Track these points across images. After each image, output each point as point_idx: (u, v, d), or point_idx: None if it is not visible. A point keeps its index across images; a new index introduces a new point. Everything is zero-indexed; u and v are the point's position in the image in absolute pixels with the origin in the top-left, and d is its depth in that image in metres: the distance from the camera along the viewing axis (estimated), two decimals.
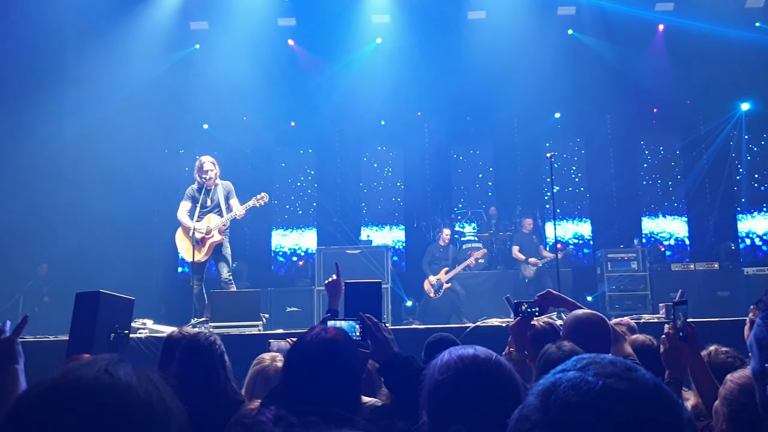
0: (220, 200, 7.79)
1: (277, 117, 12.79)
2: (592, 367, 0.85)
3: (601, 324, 3.08)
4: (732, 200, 13.11)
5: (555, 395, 0.83)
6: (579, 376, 0.84)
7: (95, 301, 4.71)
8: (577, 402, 0.81)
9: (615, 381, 0.82)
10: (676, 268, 10.52)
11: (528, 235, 10.94)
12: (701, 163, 13.08)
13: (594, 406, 0.80)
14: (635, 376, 0.84)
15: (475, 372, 1.61)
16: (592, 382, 0.82)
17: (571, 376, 0.84)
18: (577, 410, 0.80)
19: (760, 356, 1.40)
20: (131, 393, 1.00)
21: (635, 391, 0.82)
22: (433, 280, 10.40)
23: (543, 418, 0.82)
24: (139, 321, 6.86)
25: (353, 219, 13.21)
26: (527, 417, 0.84)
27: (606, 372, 0.83)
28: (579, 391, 0.81)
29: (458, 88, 12.16)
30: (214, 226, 7.67)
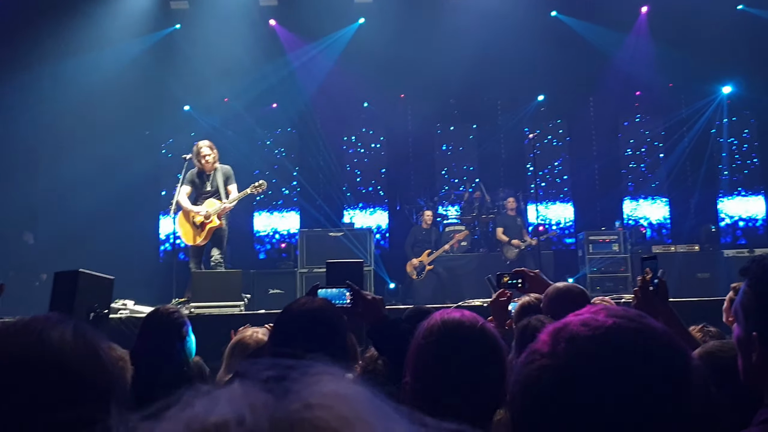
0: (219, 185, 7.85)
1: (259, 98, 12.67)
2: (604, 311, 0.87)
3: (581, 294, 3.11)
4: (713, 183, 13.23)
5: (565, 331, 0.85)
6: (590, 316, 0.85)
7: (74, 280, 4.66)
8: (587, 335, 0.82)
9: (625, 321, 0.84)
10: (657, 250, 10.61)
11: (512, 217, 10.97)
12: (683, 146, 13.17)
13: (603, 340, 0.81)
14: (646, 320, 0.86)
15: (459, 336, 1.61)
16: (602, 320, 0.84)
17: (581, 317, 0.86)
18: (585, 342, 0.82)
19: (746, 324, 1.40)
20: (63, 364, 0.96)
21: (645, 331, 0.83)
22: (416, 263, 10.41)
23: (552, 351, 0.83)
24: (120, 302, 6.81)
25: (336, 201, 13.16)
26: (537, 351, 0.85)
27: (617, 314, 0.85)
28: (589, 327, 0.83)
29: (441, 70, 12.10)
30: (214, 211, 7.69)
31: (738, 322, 1.44)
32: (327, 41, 12.47)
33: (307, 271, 9.73)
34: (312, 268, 9.61)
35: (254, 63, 12.04)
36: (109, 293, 5.23)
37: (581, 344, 0.82)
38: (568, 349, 0.82)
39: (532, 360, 0.85)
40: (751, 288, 1.39)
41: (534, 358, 0.85)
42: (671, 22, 11.94)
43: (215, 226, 7.72)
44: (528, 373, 0.84)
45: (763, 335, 1.35)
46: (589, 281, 10.28)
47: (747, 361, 1.40)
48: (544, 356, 0.84)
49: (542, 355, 0.84)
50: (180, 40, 12.19)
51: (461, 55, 11.76)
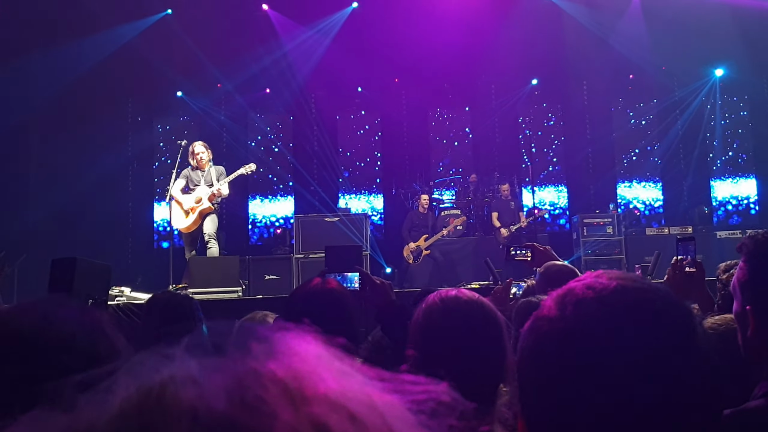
0: (213, 180, 8.04)
1: (252, 83, 12.62)
2: (607, 273, 0.87)
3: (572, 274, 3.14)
4: (706, 165, 13.28)
5: (571, 295, 0.85)
6: (594, 280, 0.86)
7: (71, 268, 4.67)
8: (593, 297, 0.83)
9: (628, 282, 0.85)
10: (651, 233, 10.66)
11: (506, 201, 10.99)
12: (676, 129, 13.21)
13: (609, 301, 0.82)
14: (648, 282, 0.87)
15: (457, 310, 1.64)
16: (606, 282, 0.84)
17: (585, 281, 0.87)
18: (593, 304, 0.82)
19: (742, 298, 1.43)
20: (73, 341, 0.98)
21: (648, 290, 0.84)
22: (413, 247, 10.44)
23: (559, 315, 0.83)
24: (117, 289, 6.82)
25: (331, 186, 13.16)
26: (544, 317, 0.86)
27: (619, 276, 0.86)
28: (594, 289, 0.84)
29: (435, 54, 12.07)
30: (205, 194, 7.82)
31: (735, 297, 1.47)
32: (320, 25, 12.41)
33: (303, 256, 9.73)
34: (308, 253, 9.61)
35: (247, 48, 11.98)
36: (107, 280, 5.24)
37: (588, 306, 0.82)
38: (576, 312, 0.82)
39: (540, 326, 0.85)
40: (746, 263, 1.42)
41: (541, 324, 0.85)
42: (664, 5, 11.91)
43: (206, 208, 7.87)
44: (537, 339, 0.85)
45: (756, 309, 1.38)
46: (584, 264, 10.32)
47: (744, 336, 1.43)
48: (552, 321, 0.84)
49: (550, 320, 0.84)
50: (172, 25, 12.10)
51: (455, 40, 11.73)
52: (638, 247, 10.28)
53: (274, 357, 0.46)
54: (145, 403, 0.42)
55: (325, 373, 0.46)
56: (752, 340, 1.40)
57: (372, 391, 0.48)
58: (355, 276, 2.72)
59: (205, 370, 0.44)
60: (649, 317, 0.81)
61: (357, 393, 0.46)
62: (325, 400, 0.44)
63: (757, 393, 1.39)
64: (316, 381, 0.45)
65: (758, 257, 1.39)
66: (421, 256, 10.38)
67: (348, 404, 0.44)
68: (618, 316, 0.81)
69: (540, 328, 0.85)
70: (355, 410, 0.44)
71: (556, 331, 0.83)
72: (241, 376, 0.44)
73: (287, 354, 0.47)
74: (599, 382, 0.78)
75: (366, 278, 2.67)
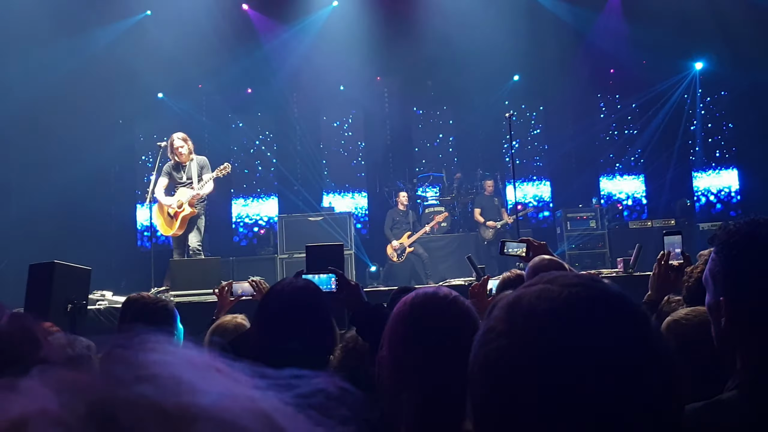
0: (193, 175, 7.80)
1: (233, 84, 12.55)
2: (558, 279, 0.84)
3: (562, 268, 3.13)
4: (687, 158, 13.38)
5: (520, 305, 0.82)
6: (544, 287, 0.83)
7: (49, 272, 4.61)
8: (544, 309, 0.80)
9: (581, 290, 0.82)
10: (634, 226, 10.72)
11: (489, 197, 11.02)
12: (657, 122, 13.30)
13: (560, 314, 0.79)
14: (601, 285, 0.84)
15: (432, 307, 1.62)
16: (557, 290, 0.81)
17: (536, 288, 0.84)
18: (543, 316, 0.79)
19: (715, 290, 1.42)
20: None
21: (601, 298, 0.81)
22: (396, 245, 10.43)
23: (508, 328, 0.81)
24: (98, 293, 6.75)
25: (314, 186, 13.12)
26: (493, 328, 0.83)
27: (571, 283, 0.83)
28: (544, 299, 0.81)
29: (417, 51, 12.06)
30: (185, 199, 7.63)
31: (708, 289, 1.46)
32: (301, 25, 12.36)
33: (287, 256, 9.70)
34: (292, 253, 9.58)
35: (228, 48, 11.91)
36: (87, 284, 5.17)
37: (539, 319, 0.79)
38: (525, 326, 0.80)
39: (489, 340, 0.82)
40: (718, 254, 1.41)
41: (491, 338, 0.82)
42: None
43: (188, 214, 7.67)
44: (487, 354, 0.82)
45: (729, 300, 1.37)
46: (568, 258, 10.35)
47: (717, 327, 1.42)
48: (502, 335, 0.81)
49: (499, 334, 0.81)
50: (151, 27, 12.01)
51: (437, 37, 11.73)
52: (621, 240, 10.34)
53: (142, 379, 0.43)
54: None
55: (200, 384, 0.43)
56: (725, 332, 1.39)
57: (252, 393, 0.45)
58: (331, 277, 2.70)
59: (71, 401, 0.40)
60: (601, 325, 0.79)
61: (237, 399, 0.44)
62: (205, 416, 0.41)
63: (729, 385, 1.38)
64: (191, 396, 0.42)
65: (730, 247, 1.38)
66: (405, 254, 10.38)
67: (228, 415, 0.42)
68: (569, 327, 0.78)
69: (490, 342, 0.82)
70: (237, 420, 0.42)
71: (506, 348, 0.80)
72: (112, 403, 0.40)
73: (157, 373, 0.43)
74: (553, 395, 0.76)
75: (342, 280, 2.67)
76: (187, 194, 7.69)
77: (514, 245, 3.43)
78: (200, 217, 7.85)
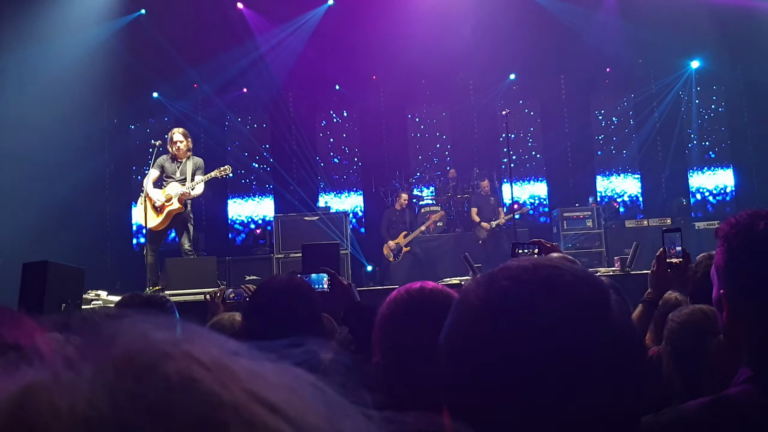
0: (187, 173, 7.67)
1: (228, 83, 12.52)
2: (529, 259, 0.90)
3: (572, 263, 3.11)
4: (683, 157, 13.39)
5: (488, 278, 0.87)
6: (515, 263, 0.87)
7: (43, 271, 4.56)
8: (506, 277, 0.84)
9: (545, 261, 0.87)
10: (630, 225, 10.72)
11: (486, 196, 11.00)
12: (653, 121, 13.32)
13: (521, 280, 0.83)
14: (565, 262, 0.89)
15: (421, 301, 1.62)
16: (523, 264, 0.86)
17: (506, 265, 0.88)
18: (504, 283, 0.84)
19: (718, 283, 1.40)
20: None
21: (561, 268, 0.85)
22: (392, 245, 10.41)
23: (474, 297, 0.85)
24: (92, 292, 6.72)
25: (310, 185, 13.09)
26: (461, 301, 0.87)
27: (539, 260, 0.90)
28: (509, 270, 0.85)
29: (412, 50, 12.03)
30: (175, 194, 7.49)
31: (714, 284, 1.45)
32: (296, 24, 12.34)
33: (283, 256, 9.66)
34: (288, 253, 9.55)
35: (223, 48, 11.88)
36: (81, 284, 5.13)
37: (501, 286, 0.84)
38: (488, 292, 0.84)
39: (457, 310, 0.87)
40: (722, 247, 1.39)
41: (458, 308, 0.87)
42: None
43: (175, 209, 7.50)
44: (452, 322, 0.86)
45: (730, 292, 1.36)
46: None
47: (722, 321, 1.41)
48: (468, 302, 0.85)
49: (466, 302, 0.86)
50: (146, 26, 11.96)
51: (432, 35, 11.71)
52: (618, 239, 10.33)
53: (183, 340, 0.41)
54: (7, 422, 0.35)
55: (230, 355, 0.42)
56: (728, 326, 1.37)
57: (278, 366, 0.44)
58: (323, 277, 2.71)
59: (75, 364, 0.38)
60: (560, 292, 0.82)
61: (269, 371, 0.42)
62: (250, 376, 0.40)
63: (737, 379, 1.36)
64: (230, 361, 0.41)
65: (733, 240, 1.36)
66: (401, 254, 10.36)
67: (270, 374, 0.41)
68: (529, 292, 0.82)
69: (458, 313, 0.87)
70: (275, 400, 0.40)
71: (469, 312, 0.84)
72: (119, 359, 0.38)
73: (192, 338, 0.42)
74: (512, 358, 0.79)
75: (334, 279, 2.68)
76: (177, 189, 7.53)
77: (525, 247, 3.38)
78: (190, 218, 7.72)
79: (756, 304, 1.33)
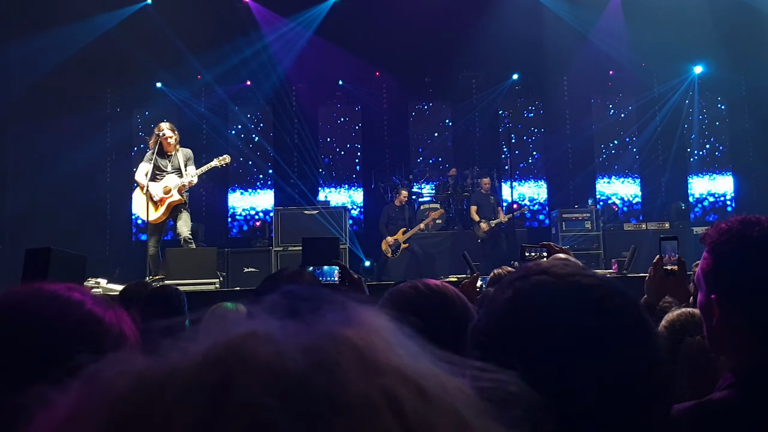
0: (180, 165, 7.73)
1: (232, 75, 12.53)
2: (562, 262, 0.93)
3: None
4: (683, 161, 13.41)
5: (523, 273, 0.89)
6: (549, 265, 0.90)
7: (45, 258, 4.61)
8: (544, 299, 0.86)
9: (584, 277, 0.88)
10: (629, 228, 10.76)
11: (485, 195, 11.00)
12: (654, 125, 13.34)
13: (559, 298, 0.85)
14: (593, 273, 0.91)
15: (421, 295, 1.67)
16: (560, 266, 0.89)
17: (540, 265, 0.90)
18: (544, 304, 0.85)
19: (707, 288, 1.43)
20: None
21: (596, 284, 0.86)
22: (391, 241, 10.44)
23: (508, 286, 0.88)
24: (92, 280, 6.75)
25: (311, 179, 13.12)
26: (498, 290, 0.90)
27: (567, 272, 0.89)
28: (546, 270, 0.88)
29: (416, 48, 12.06)
30: (174, 185, 7.56)
31: (699, 288, 1.47)
32: (301, 18, 12.34)
33: (282, 249, 9.70)
34: (287, 246, 9.58)
35: (227, 40, 11.89)
36: (82, 271, 5.19)
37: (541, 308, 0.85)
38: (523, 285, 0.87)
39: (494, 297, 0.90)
40: (709, 253, 1.42)
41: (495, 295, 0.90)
42: (644, 1, 12.00)
43: (175, 201, 7.57)
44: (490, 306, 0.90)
45: (720, 298, 1.39)
46: None
47: (709, 326, 1.43)
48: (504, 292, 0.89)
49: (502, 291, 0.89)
50: (151, 15, 11.97)
51: (436, 33, 11.73)
52: (616, 242, 10.37)
53: (349, 325, 0.47)
54: (226, 354, 0.43)
55: (397, 347, 0.47)
56: (717, 331, 1.40)
57: (442, 371, 0.48)
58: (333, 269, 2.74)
59: (285, 330, 0.45)
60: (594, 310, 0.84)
61: (428, 371, 0.46)
62: (398, 373, 0.44)
63: (721, 384, 1.39)
64: (389, 353, 0.45)
65: (721, 246, 1.39)
66: (399, 250, 10.39)
67: (419, 380, 0.45)
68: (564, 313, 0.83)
69: (494, 299, 0.89)
70: (426, 387, 0.45)
71: (505, 300, 0.87)
72: (318, 339, 0.45)
73: (361, 323, 0.48)
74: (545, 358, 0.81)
75: (345, 272, 2.70)
76: (175, 181, 7.60)
77: (534, 250, 3.39)
78: (187, 207, 7.78)
79: (747, 308, 1.35)
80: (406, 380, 0.44)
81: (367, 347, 0.45)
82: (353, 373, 0.43)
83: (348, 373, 0.43)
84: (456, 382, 0.48)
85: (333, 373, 0.42)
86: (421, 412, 0.43)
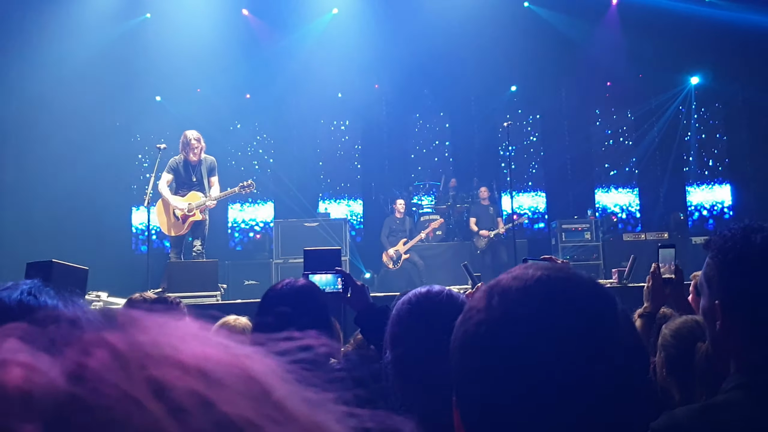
0: (203, 176, 7.72)
1: (232, 88, 12.57)
2: (533, 266, 0.89)
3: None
4: (681, 172, 13.46)
5: (498, 286, 0.87)
6: (521, 271, 0.88)
7: (47, 271, 4.59)
8: (518, 287, 0.85)
9: (553, 272, 0.87)
10: (628, 238, 10.77)
11: (485, 207, 11.03)
12: (652, 135, 13.39)
13: (532, 291, 0.84)
14: (573, 271, 0.90)
15: (427, 302, 1.68)
16: (531, 273, 0.87)
17: (513, 272, 0.89)
18: (517, 294, 0.84)
19: (710, 294, 1.45)
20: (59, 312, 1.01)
21: (572, 279, 0.86)
22: (392, 252, 10.45)
23: (486, 305, 0.86)
24: (93, 293, 6.75)
25: (311, 192, 13.13)
26: (473, 308, 0.88)
27: (546, 267, 0.89)
28: (519, 280, 0.86)
29: (415, 60, 12.12)
30: (196, 206, 7.58)
31: (702, 294, 1.49)
32: (300, 31, 12.41)
33: (282, 261, 9.71)
34: (287, 258, 9.60)
35: (227, 53, 11.94)
36: (84, 284, 5.16)
37: (513, 296, 0.84)
38: (501, 301, 0.85)
39: (470, 317, 0.87)
40: (713, 259, 1.44)
41: (471, 315, 0.87)
42: (641, 13, 12.09)
43: (197, 219, 7.63)
44: (465, 330, 0.86)
45: (724, 303, 1.41)
46: None
47: (712, 331, 1.45)
48: (480, 311, 0.86)
49: (478, 310, 0.86)
50: (151, 30, 12.04)
51: (435, 46, 11.80)
52: (615, 252, 10.38)
53: (114, 329, 0.46)
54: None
55: (174, 340, 0.46)
56: (720, 336, 1.42)
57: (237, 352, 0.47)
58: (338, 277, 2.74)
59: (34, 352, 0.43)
60: (570, 304, 0.83)
61: (214, 354, 0.46)
62: (166, 362, 0.44)
63: (725, 387, 1.41)
64: (155, 346, 0.45)
65: (726, 252, 1.41)
66: (400, 261, 10.40)
67: (197, 363, 0.44)
68: (539, 303, 0.83)
69: (469, 320, 0.87)
70: (206, 367, 0.44)
71: (483, 322, 0.85)
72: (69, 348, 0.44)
73: (130, 326, 0.46)
74: (523, 367, 0.80)
75: (349, 280, 2.69)
76: (199, 200, 7.64)
77: None
78: (206, 223, 7.81)
79: (751, 314, 1.38)
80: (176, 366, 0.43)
81: (124, 344, 0.44)
82: (108, 373, 0.42)
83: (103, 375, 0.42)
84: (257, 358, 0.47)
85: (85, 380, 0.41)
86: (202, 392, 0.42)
